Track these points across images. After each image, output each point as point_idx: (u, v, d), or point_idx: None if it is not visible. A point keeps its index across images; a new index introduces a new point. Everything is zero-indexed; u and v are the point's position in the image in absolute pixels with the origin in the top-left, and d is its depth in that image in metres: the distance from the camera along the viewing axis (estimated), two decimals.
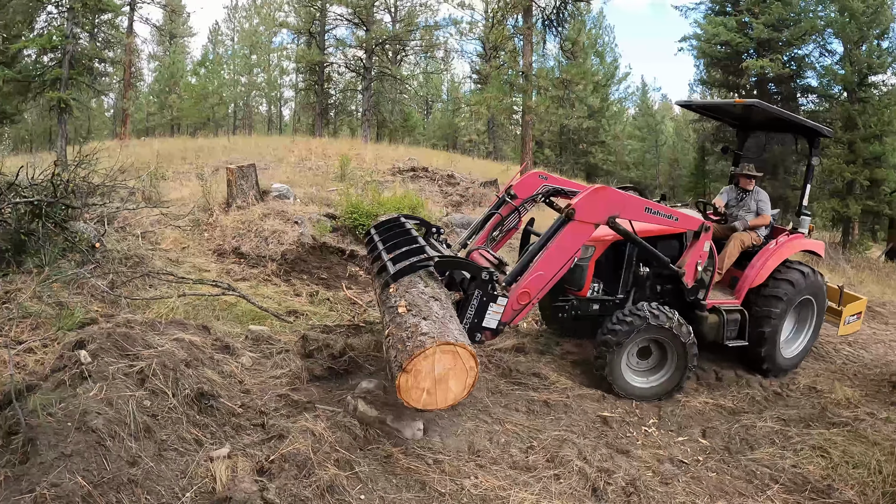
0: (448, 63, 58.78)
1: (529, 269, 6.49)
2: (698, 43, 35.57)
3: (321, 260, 10.97)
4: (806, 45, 32.78)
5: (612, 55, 51.89)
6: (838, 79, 30.54)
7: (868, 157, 28.37)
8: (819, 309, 9.53)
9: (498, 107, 20.85)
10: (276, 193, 13.60)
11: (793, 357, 9.44)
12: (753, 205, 9.32)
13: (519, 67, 20.51)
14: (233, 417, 5.32)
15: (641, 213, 7.16)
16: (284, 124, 65.89)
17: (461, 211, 16.46)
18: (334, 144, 27.28)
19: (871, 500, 6.09)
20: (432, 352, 4.88)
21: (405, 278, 5.83)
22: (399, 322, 5.26)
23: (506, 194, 7.82)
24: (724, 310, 8.39)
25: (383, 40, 39.53)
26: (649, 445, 6.64)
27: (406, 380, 4.89)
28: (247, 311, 8.28)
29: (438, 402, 5.09)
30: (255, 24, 60.26)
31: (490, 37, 28.61)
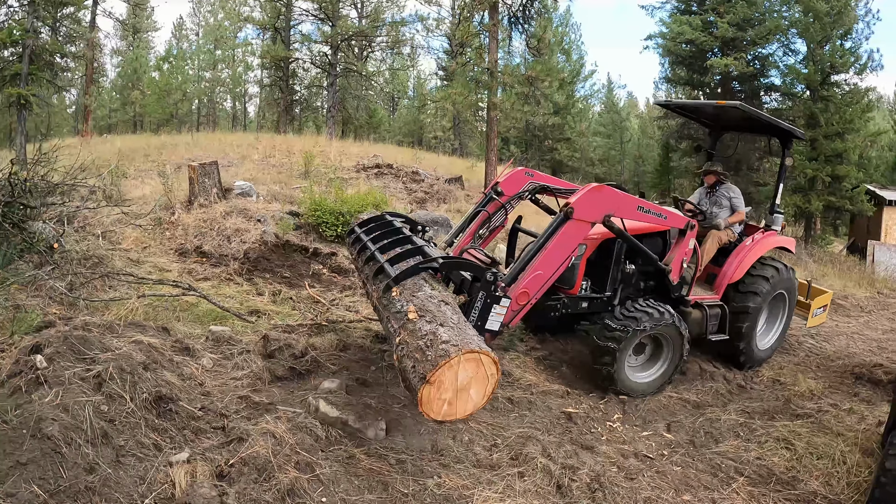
0: (414, 59, 58.81)
1: (528, 269, 6.45)
2: (664, 41, 35.95)
3: (284, 258, 10.86)
4: (770, 44, 33.31)
5: (579, 53, 52.15)
6: (801, 78, 31.18)
7: (830, 155, 28.91)
8: (790, 303, 9.92)
9: (463, 103, 20.80)
10: (239, 191, 13.49)
11: (766, 349, 9.78)
12: (726, 201, 9.52)
13: (484, 64, 20.45)
14: (192, 421, 5.24)
15: (634, 211, 7.30)
16: (249, 121, 65.29)
17: (426, 207, 16.45)
18: (299, 141, 27.11)
19: (836, 490, 6.20)
20: (457, 361, 4.68)
21: (408, 281, 5.71)
22: (412, 329, 5.04)
23: (492, 191, 7.76)
24: (706, 305, 8.65)
25: (349, 36, 39.28)
26: (614, 441, 6.68)
27: (429, 391, 4.65)
28: (208, 311, 8.17)
29: (458, 413, 4.90)
30: (220, 18, 59.60)
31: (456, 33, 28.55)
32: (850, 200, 29.49)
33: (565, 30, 49.88)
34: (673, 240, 8.40)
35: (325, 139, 30.95)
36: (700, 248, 8.88)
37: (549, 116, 43.98)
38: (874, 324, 14.76)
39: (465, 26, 22.68)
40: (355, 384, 6.67)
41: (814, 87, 30.66)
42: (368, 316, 9.03)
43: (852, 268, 23.42)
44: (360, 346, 7.85)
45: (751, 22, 32.26)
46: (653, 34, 37.10)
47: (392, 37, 43.12)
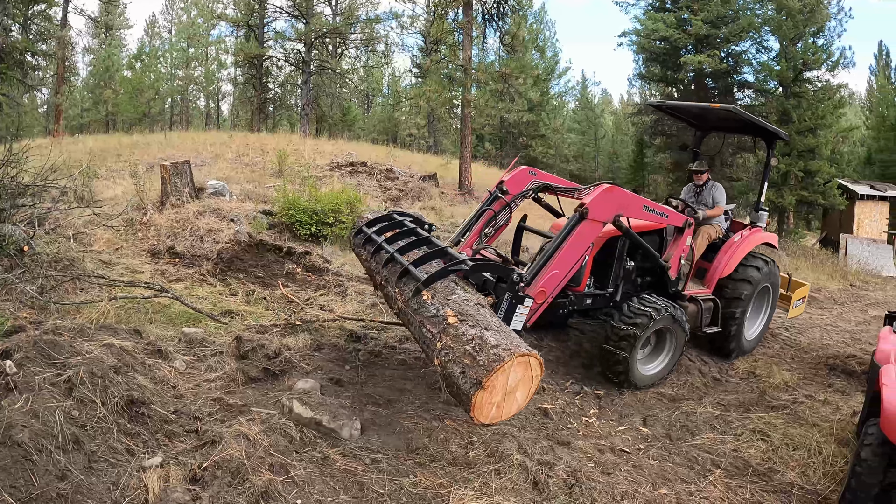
0: (389, 57, 58.52)
1: (545, 269, 6.53)
2: (638, 38, 36.08)
3: (258, 258, 10.77)
4: (743, 41, 33.65)
5: (553, 50, 52.21)
6: (774, 74, 31.55)
7: (802, 150, 29.21)
8: (774, 296, 10.50)
9: (437, 100, 20.79)
10: (212, 190, 13.39)
11: (752, 340, 10.27)
12: (710, 199, 9.86)
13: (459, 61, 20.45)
14: (165, 424, 5.18)
15: (641, 211, 7.54)
16: (223, 119, 64.72)
17: (400, 205, 16.46)
18: (273, 139, 26.98)
19: (813, 480, 6.27)
20: (510, 365, 4.73)
21: (438, 284, 5.71)
22: (456, 334, 5.05)
23: (497, 190, 7.83)
24: (700, 299, 8.98)
25: (323, 33, 39.12)
26: (590, 436, 6.70)
27: (481, 396, 4.69)
28: (181, 312, 8.11)
29: (503, 415, 4.94)
30: (194, 15, 58.95)
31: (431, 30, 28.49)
32: (823, 195, 29.82)
33: (539, 27, 49.98)
34: (669, 237, 8.80)
35: (299, 137, 30.80)
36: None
37: (523, 113, 44.03)
38: (847, 316, 14.97)
39: (439, 23, 22.64)
40: (330, 384, 6.65)
41: (786, 83, 31.06)
42: (342, 315, 9.01)
43: (825, 261, 23.69)
44: (334, 345, 7.84)
45: (724, 19, 32.56)
46: (627, 31, 37.24)
47: (366, 34, 43.04)
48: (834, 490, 6.08)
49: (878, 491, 5.20)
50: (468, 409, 4.75)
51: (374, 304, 9.70)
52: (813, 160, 29.42)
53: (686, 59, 32.04)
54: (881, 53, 60.21)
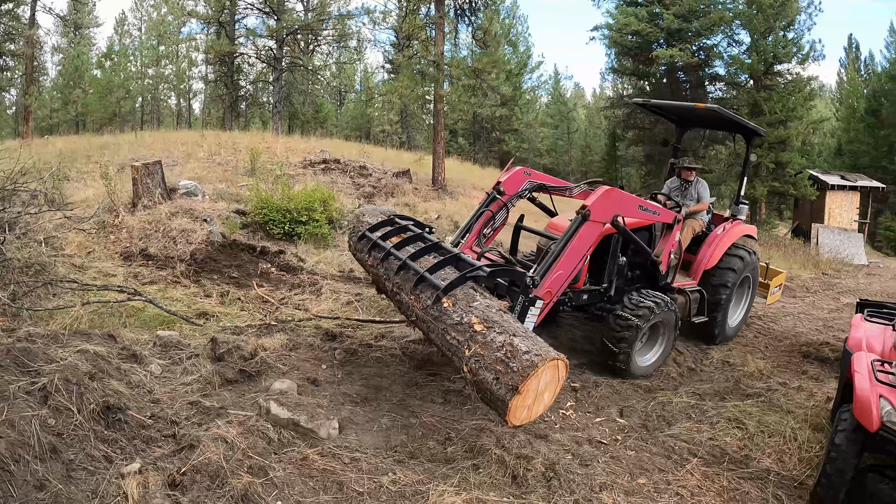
0: (361, 53, 58.36)
1: (551, 270, 6.74)
2: (610, 32, 36.31)
3: (232, 258, 10.71)
4: (714, 35, 34.05)
5: (526, 44, 52.21)
6: (745, 68, 31.98)
7: (773, 142, 29.50)
8: (754, 284, 11.04)
9: (410, 96, 20.75)
10: (184, 191, 13.28)
11: (735, 326, 10.82)
12: (695, 193, 10.30)
13: (431, 57, 20.43)
14: (142, 430, 5.14)
15: (636, 210, 7.84)
16: (194, 118, 64.10)
17: (373, 202, 16.42)
18: (245, 138, 26.76)
19: (789, 466, 6.37)
20: (542, 370, 4.95)
21: (458, 290, 5.84)
22: (485, 341, 5.23)
23: (495, 191, 7.93)
24: (689, 290, 9.40)
25: (295, 30, 38.91)
26: (568, 428, 6.72)
27: (516, 400, 4.90)
28: (155, 315, 8.03)
29: (532, 416, 5.18)
30: (164, 13, 58.28)
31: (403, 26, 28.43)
32: (794, 185, 30.17)
33: (512, 21, 49.99)
34: (658, 232, 9.09)
35: (271, 135, 30.61)
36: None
37: (496, 108, 44.06)
38: (820, 304, 15.19)
39: (411, 19, 22.61)
40: (307, 384, 6.66)
41: (757, 76, 31.46)
42: (318, 313, 8.99)
43: (797, 250, 23.97)
44: (310, 344, 7.84)
45: (696, 13, 32.84)
46: (599, 25, 37.47)
47: (338, 30, 42.81)
48: (810, 475, 6.19)
49: (852, 475, 5.33)
50: (503, 413, 4.99)
51: (350, 303, 9.70)
52: (784, 151, 29.76)
53: (658, 53, 32.27)
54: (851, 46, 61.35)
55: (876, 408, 5.11)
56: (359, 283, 10.79)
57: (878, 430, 5.08)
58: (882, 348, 6.62)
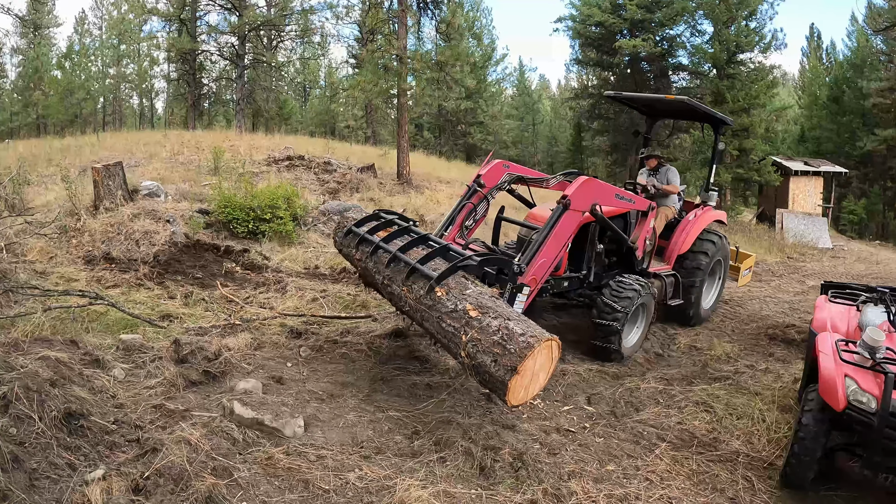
0: (325, 48, 57.98)
1: (535, 258, 7.02)
2: (573, 24, 36.53)
3: (195, 259, 10.62)
4: (677, 25, 34.35)
5: (490, 37, 52.26)
6: (708, 57, 32.28)
7: (737, 129, 29.74)
8: (725, 267, 11.54)
9: (373, 91, 20.65)
10: (147, 192, 13.14)
11: (708, 308, 11.26)
12: (665, 180, 10.58)
13: (394, 51, 20.34)
14: (106, 435, 5.07)
15: (613, 198, 8.23)
16: (157, 118, 63.25)
17: (338, 198, 16.34)
18: (208, 136, 26.57)
19: (758, 447, 6.43)
20: (538, 350, 5.26)
21: (450, 280, 6.05)
22: (481, 326, 5.48)
23: (475, 184, 8.20)
24: (664, 275, 9.81)
25: (257, 25, 38.55)
26: (535, 418, 6.74)
27: (515, 381, 5.17)
28: (118, 319, 7.93)
29: (529, 395, 5.53)
30: (124, 11, 57.27)
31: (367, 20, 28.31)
32: (758, 172, 30.48)
33: (476, 14, 49.94)
34: (633, 220, 9.39)
35: (234, 133, 30.40)
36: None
37: (461, 101, 44.02)
38: (785, 287, 15.40)
39: (374, 13, 22.50)
40: (272, 382, 6.62)
41: (720, 65, 31.74)
42: (283, 311, 8.95)
43: (762, 235, 24.24)
44: (274, 343, 7.82)
45: (659, 4, 33.15)
46: (563, 17, 37.62)
47: (301, 25, 42.45)
48: (779, 456, 6.25)
49: (821, 454, 5.42)
50: (503, 394, 5.27)
51: (315, 299, 9.66)
52: (748, 139, 30.03)
53: (621, 44, 32.49)
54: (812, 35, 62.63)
55: (842, 387, 5.20)
56: (324, 280, 10.76)
57: (845, 409, 5.17)
58: (847, 328, 6.72)
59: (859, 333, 6.06)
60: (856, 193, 43.05)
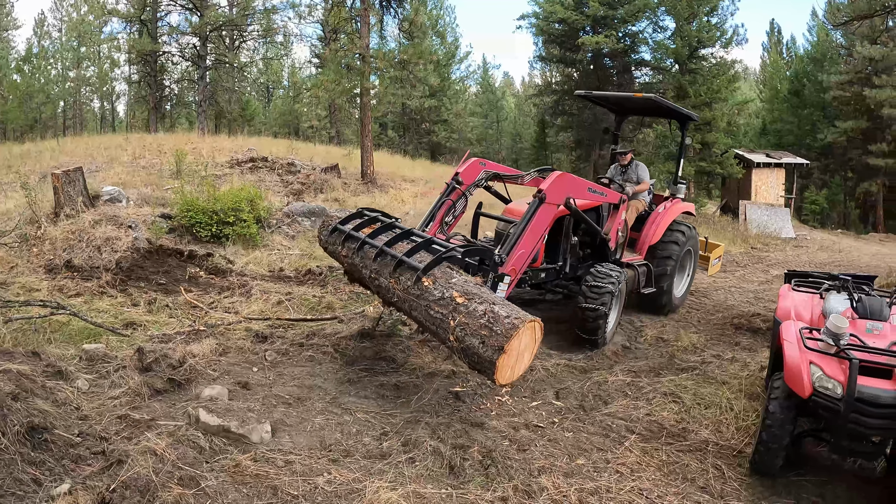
0: (288, 48, 57.63)
1: (514, 249, 7.36)
2: (537, 21, 36.72)
3: (159, 264, 10.47)
4: (639, 21, 34.82)
5: (454, 35, 52.19)
6: (670, 52, 32.56)
7: (700, 123, 30.04)
8: (695, 257, 12.01)
9: (336, 90, 20.55)
10: (108, 197, 12.96)
11: (680, 297, 11.68)
12: (635, 176, 11.05)
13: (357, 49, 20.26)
14: (71, 448, 4.98)
15: (585, 192, 8.65)
16: (118, 121, 62.19)
17: (302, 199, 16.25)
18: (171, 139, 26.24)
19: (726, 436, 6.50)
20: (523, 330, 5.56)
21: (436, 270, 6.32)
22: (468, 311, 5.77)
23: (453, 181, 8.44)
24: (637, 265, 10.27)
25: (219, 25, 38.18)
26: (504, 415, 6.76)
27: (502, 360, 5.46)
28: (81, 329, 7.80)
29: (515, 375, 5.80)
30: (84, 12, 56.42)
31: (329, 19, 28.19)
32: (721, 164, 30.78)
33: (440, 12, 49.88)
34: (606, 213, 9.83)
35: (197, 135, 30.08)
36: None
37: (425, 99, 43.94)
38: (750, 277, 15.61)
39: (337, 11, 22.43)
40: (238, 388, 6.57)
41: (682, 61, 32.08)
42: (248, 315, 8.88)
43: (726, 227, 24.49)
44: (240, 348, 7.75)
45: (621, 1, 33.47)
46: (526, 14, 37.84)
47: (264, 25, 42.11)
48: (748, 443, 6.32)
49: (788, 441, 5.51)
50: (491, 373, 5.56)
51: (280, 302, 9.60)
52: (710, 132, 30.31)
53: (584, 40, 32.76)
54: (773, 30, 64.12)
55: (807, 374, 5.30)
56: (289, 282, 10.69)
57: (811, 396, 5.27)
58: (810, 316, 6.80)
59: (823, 321, 6.14)
60: (817, 184, 43.78)
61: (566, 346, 9.07)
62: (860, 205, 42.71)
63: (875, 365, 5.20)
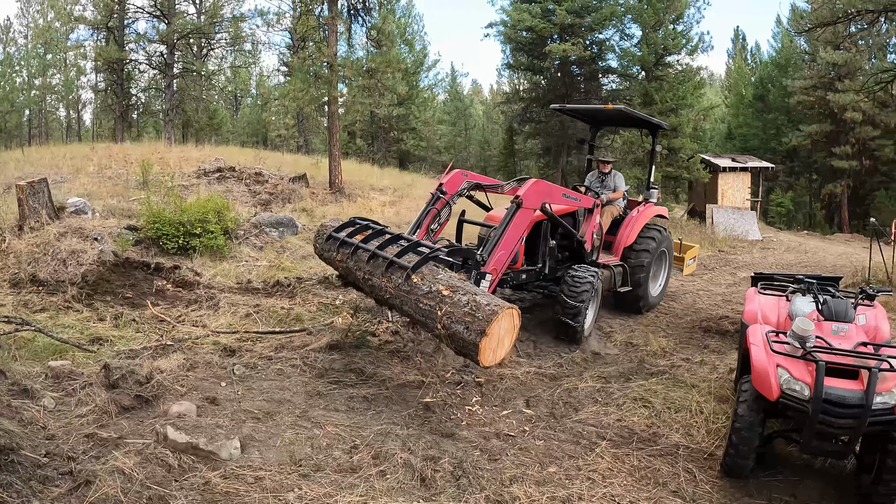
0: (256, 56, 57.26)
1: (494, 251, 7.98)
2: (504, 29, 36.94)
3: (125, 277, 10.29)
4: (606, 29, 35.08)
5: (422, 43, 52.25)
6: (636, 60, 33.15)
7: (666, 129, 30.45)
8: (669, 257, 12.63)
9: (303, 99, 20.48)
10: (73, 209, 12.78)
11: (657, 296, 12.32)
12: (612, 184, 11.82)
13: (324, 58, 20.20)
14: (38, 469, 4.88)
15: (560, 198, 9.36)
16: (85, 130, 61.30)
17: (270, 209, 16.15)
18: (137, 149, 25.91)
19: (697, 439, 6.61)
20: (502, 315, 6.13)
21: (423, 268, 6.89)
22: (453, 301, 6.39)
23: (438, 192, 8.92)
24: (612, 265, 10.95)
25: (186, 33, 37.89)
26: (474, 424, 6.79)
27: (484, 342, 6.00)
28: (47, 345, 7.61)
29: (497, 358, 6.32)
30: (51, 19, 55.45)
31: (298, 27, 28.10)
32: (687, 169, 31.22)
33: (408, 20, 49.89)
34: (581, 217, 10.47)
35: (164, 145, 29.80)
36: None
37: (393, 108, 43.87)
38: (717, 279, 15.79)
39: (305, 20, 22.35)
40: (206, 404, 6.49)
41: (648, 68, 32.62)
42: (216, 329, 8.81)
43: (693, 230, 24.74)
44: (207, 362, 7.65)
45: (588, 9, 33.85)
46: (494, 22, 38.23)
47: (232, 33, 41.85)
48: (718, 446, 6.42)
49: (758, 442, 5.62)
50: (475, 355, 6.09)
51: (248, 315, 9.52)
52: (676, 138, 30.74)
53: (551, 48, 32.95)
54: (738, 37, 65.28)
55: (774, 377, 5.41)
56: (257, 294, 10.60)
57: (779, 398, 5.39)
58: (777, 319, 6.96)
59: (789, 323, 6.25)
60: (783, 186, 44.52)
61: (535, 354, 9.12)
62: (825, 206, 43.45)
63: (841, 366, 5.31)
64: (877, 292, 7.14)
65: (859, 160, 39.40)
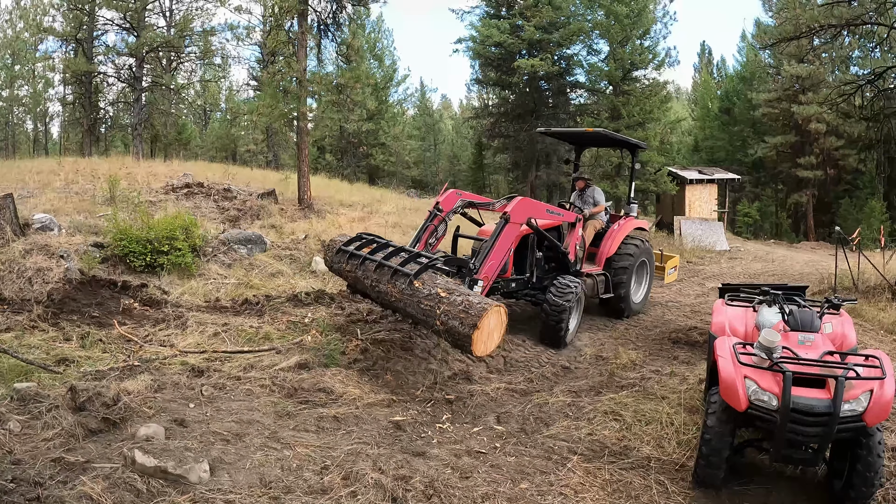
0: (226, 70, 56.95)
1: (486, 260, 9.02)
2: (473, 44, 37.30)
3: (92, 296, 10.15)
4: (574, 45, 35.74)
5: (391, 58, 52.39)
6: (604, 75, 33.69)
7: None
8: (651, 267, 13.61)
9: (272, 114, 20.37)
10: (39, 225, 12.59)
11: (639, 303, 13.33)
12: (591, 199, 12.83)
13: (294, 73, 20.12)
14: (4, 496, 4.78)
15: (545, 213, 10.37)
16: (52, 143, 60.40)
17: (239, 225, 15.94)
18: (105, 164, 25.53)
19: (668, 451, 6.66)
20: (492, 311, 7.11)
21: (424, 275, 7.88)
22: (450, 301, 7.37)
23: (435, 209, 9.76)
24: (595, 275, 11.88)
25: (156, 46, 37.62)
26: (445, 442, 6.78)
27: (477, 335, 6.95)
28: (12, 366, 7.46)
29: (487, 349, 7.26)
30: (19, 29, 54.75)
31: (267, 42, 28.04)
32: (655, 182, 31.58)
33: (377, 35, 50.10)
34: (565, 231, 11.54)
35: (132, 160, 29.44)
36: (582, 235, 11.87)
37: (362, 123, 43.90)
38: (686, 291, 15.96)
39: (275, 34, 22.28)
40: (174, 426, 6.38)
41: (616, 82, 33.18)
42: (184, 349, 8.71)
43: (662, 242, 24.92)
44: (175, 383, 7.53)
45: (556, 25, 34.24)
46: (463, 38, 38.55)
47: (202, 47, 41.63)
48: (689, 457, 6.47)
49: (729, 453, 5.70)
50: (468, 345, 7.02)
51: (217, 334, 9.40)
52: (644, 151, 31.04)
53: (520, 64, 33.32)
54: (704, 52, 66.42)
55: (742, 389, 5.49)
56: (225, 313, 10.49)
57: (747, 409, 5.47)
58: (745, 330, 7.05)
59: (757, 334, 6.34)
60: (749, 197, 45.26)
61: (506, 369, 9.16)
62: (791, 215, 44.35)
63: (808, 376, 5.41)
64: (842, 301, 7.25)
65: (824, 170, 40.26)
